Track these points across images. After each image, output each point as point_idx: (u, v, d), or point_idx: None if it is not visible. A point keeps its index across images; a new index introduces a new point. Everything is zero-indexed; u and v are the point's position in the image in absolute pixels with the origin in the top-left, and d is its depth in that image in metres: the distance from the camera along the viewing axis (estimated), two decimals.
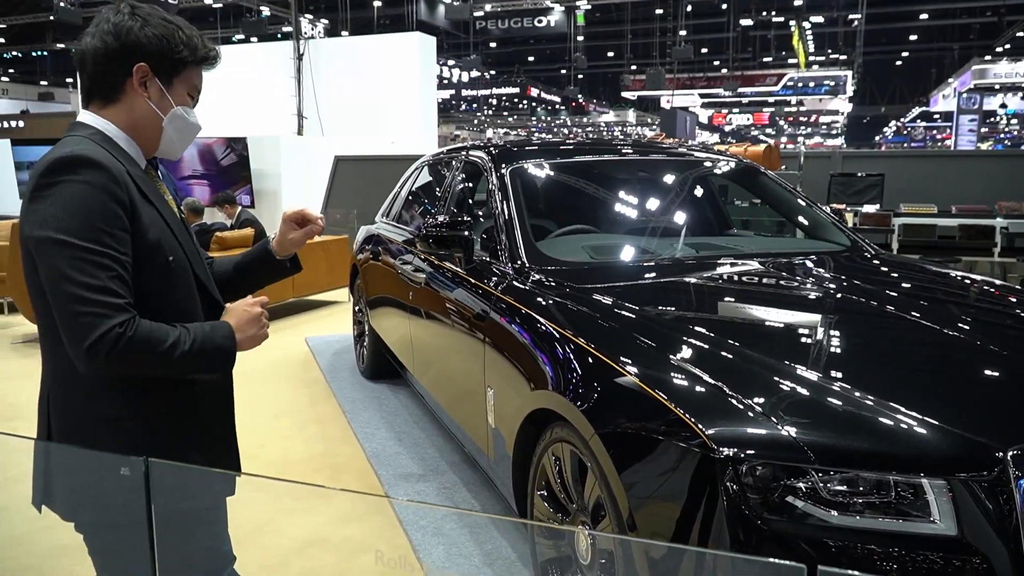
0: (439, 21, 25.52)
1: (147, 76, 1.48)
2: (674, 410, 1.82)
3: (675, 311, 2.50)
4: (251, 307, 1.57)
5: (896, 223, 6.45)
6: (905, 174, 7.52)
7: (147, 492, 1.35)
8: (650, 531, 1.85)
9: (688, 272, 2.93)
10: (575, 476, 2.24)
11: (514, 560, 2.83)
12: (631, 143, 4.08)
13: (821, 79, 37.34)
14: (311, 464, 3.85)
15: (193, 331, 1.44)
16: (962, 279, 2.96)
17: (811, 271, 2.90)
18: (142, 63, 1.47)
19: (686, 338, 2.19)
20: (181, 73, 1.53)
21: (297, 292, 7.53)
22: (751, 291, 2.77)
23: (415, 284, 3.84)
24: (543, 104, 49.49)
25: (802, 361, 2.00)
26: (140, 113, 1.49)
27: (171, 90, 1.51)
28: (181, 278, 1.52)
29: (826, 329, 2.36)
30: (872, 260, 3.19)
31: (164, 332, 1.39)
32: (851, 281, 2.75)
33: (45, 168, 1.36)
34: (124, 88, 1.48)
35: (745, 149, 6.86)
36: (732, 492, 1.67)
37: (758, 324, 2.44)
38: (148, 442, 1.47)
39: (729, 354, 2.06)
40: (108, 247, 1.35)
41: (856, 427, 1.73)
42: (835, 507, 1.65)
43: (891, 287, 2.74)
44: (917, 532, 1.63)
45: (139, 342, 1.35)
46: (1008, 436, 1.67)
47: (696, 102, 41.41)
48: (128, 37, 1.46)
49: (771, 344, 2.20)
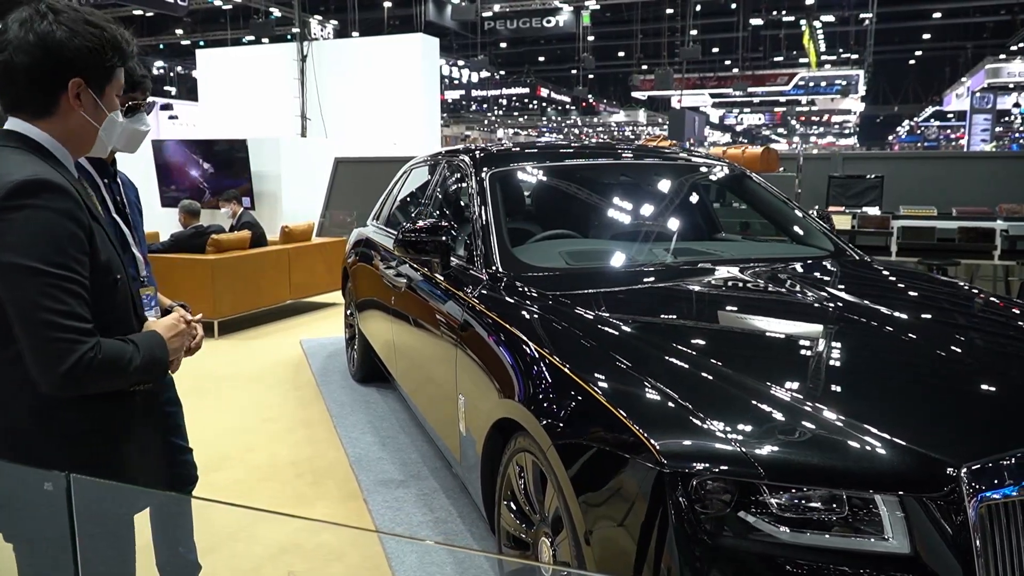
0: (447, 22, 25.53)
1: (81, 89, 1.46)
2: (626, 422, 1.79)
3: (642, 319, 2.47)
4: (178, 321, 1.63)
5: (895, 226, 6.38)
6: (906, 176, 7.45)
7: (69, 507, 1.33)
8: (603, 545, 1.82)
9: (661, 278, 2.90)
10: (537, 487, 2.22)
11: (486, 569, 2.80)
12: (618, 147, 4.04)
13: (832, 79, 37.11)
14: (295, 469, 3.84)
15: (139, 344, 1.50)
16: (939, 286, 2.91)
17: (786, 279, 2.86)
18: (77, 78, 1.44)
19: (648, 348, 2.15)
20: (111, 79, 1.51)
21: (294, 294, 7.54)
22: (720, 299, 2.73)
23: (396, 288, 3.83)
24: (553, 104, 49.43)
25: (762, 374, 1.96)
26: (75, 124, 1.48)
27: (103, 98, 1.50)
28: (123, 295, 1.54)
29: (790, 340, 2.33)
30: (850, 266, 3.14)
31: (122, 349, 1.46)
32: (824, 288, 2.71)
33: (7, 192, 1.35)
34: (59, 102, 1.46)
35: (743, 151, 6.81)
36: (681, 507, 1.64)
37: (723, 334, 2.41)
38: (96, 453, 1.50)
39: (689, 365, 2.03)
40: (74, 272, 1.39)
41: (809, 442, 1.70)
42: (787, 524, 1.62)
43: (864, 295, 2.69)
44: (870, 550, 1.59)
45: (106, 362, 1.41)
46: (963, 452, 1.63)
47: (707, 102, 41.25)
48: (61, 53, 1.42)
49: (733, 355, 2.16)
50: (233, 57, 15.22)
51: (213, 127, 14.36)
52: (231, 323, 7.06)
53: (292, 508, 3.42)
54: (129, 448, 1.56)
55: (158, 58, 34.35)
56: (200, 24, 29.47)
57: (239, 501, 3.52)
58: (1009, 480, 1.59)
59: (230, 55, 15.51)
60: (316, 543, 3.10)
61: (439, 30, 27.10)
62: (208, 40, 28.12)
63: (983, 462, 1.60)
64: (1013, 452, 1.63)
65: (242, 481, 3.69)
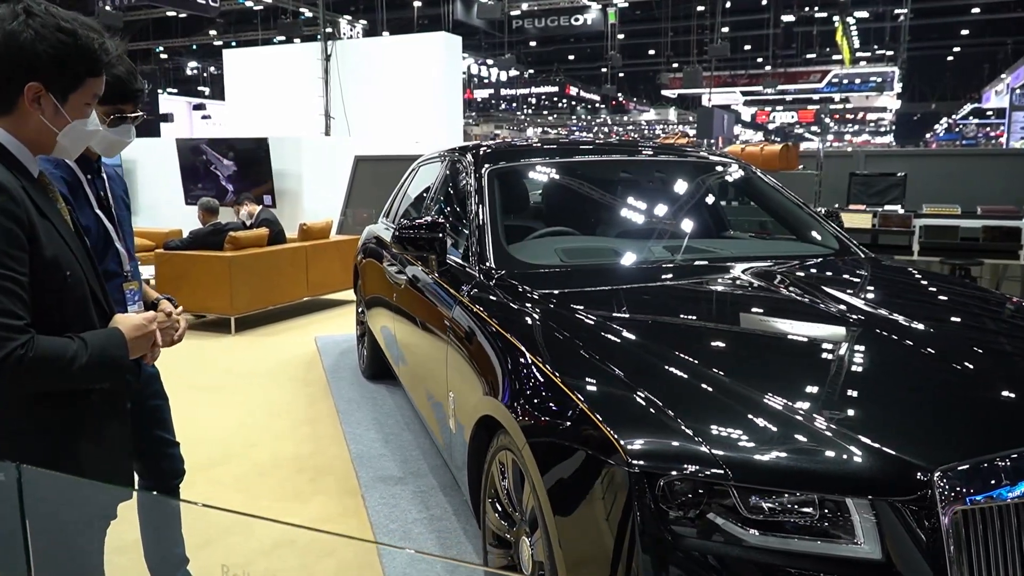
0: (476, 21, 25.55)
1: (40, 93, 1.44)
2: (597, 421, 1.77)
3: (624, 316, 2.43)
4: (148, 322, 1.59)
5: (917, 224, 6.23)
6: (931, 174, 7.27)
7: (20, 500, 1.34)
8: (574, 545, 1.80)
9: (655, 277, 2.86)
10: (517, 485, 2.20)
11: (475, 567, 2.78)
12: (621, 144, 4.00)
13: (867, 75, 36.47)
14: (296, 464, 3.86)
15: (89, 343, 1.46)
16: (939, 285, 2.83)
17: (778, 278, 2.80)
18: (34, 83, 1.43)
19: (628, 347, 2.12)
20: (78, 88, 1.49)
21: (312, 291, 7.59)
22: (706, 297, 2.69)
23: (397, 285, 3.83)
24: (583, 103, 49.24)
25: (739, 374, 1.92)
26: (33, 126, 1.47)
27: (66, 105, 1.48)
28: (77, 292, 1.51)
29: (770, 340, 2.28)
30: (850, 265, 3.07)
31: (62, 348, 1.42)
32: (816, 288, 2.65)
33: None
34: (16, 103, 1.45)
35: (761, 148, 6.71)
36: (649, 507, 1.62)
37: (703, 332, 2.36)
38: (44, 453, 1.48)
39: (666, 364, 1.99)
40: (9, 269, 1.37)
41: (779, 444, 1.65)
42: (756, 526, 1.58)
43: (855, 294, 2.63)
44: (840, 554, 1.55)
45: (39, 360, 1.37)
46: (937, 456, 1.58)
47: (738, 100, 40.80)
48: (21, 55, 1.40)
49: (711, 354, 2.12)
50: (258, 57, 15.38)
51: (240, 126, 14.54)
52: (248, 320, 7.14)
53: (289, 503, 3.43)
54: (85, 448, 1.54)
55: (192, 59, 34.88)
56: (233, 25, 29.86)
57: (239, 496, 3.55)
58: (984, 485, 1.53)
59: (256, 55, 15.67)
60: (310, 538, 3.09)
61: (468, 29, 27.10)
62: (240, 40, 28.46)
63: (956, 466, 1.55)
64: (989, 457, 1.57)
65: (243, 476, 3.72)
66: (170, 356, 2.42)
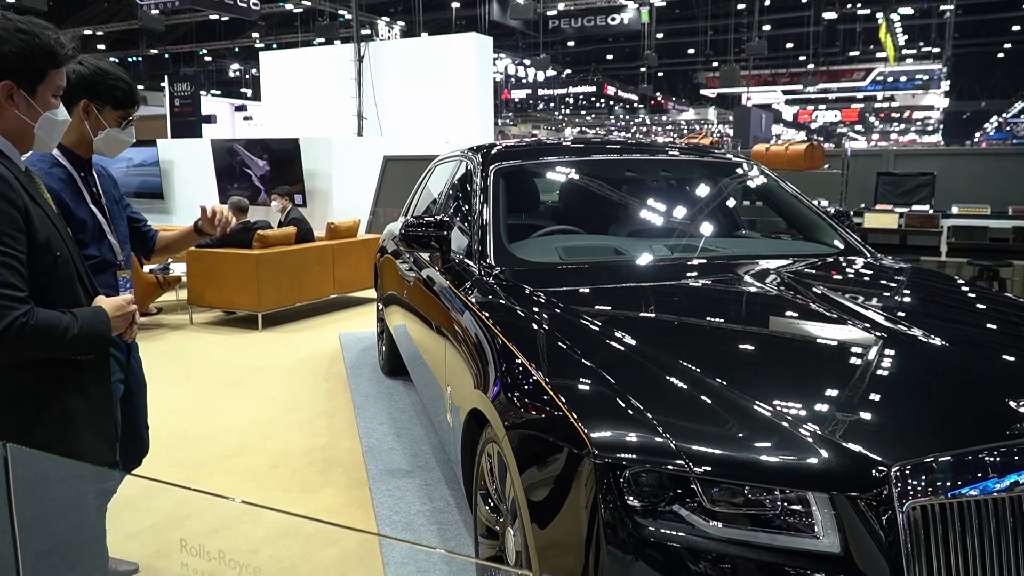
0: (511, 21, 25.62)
1: (13, 90, 1.61)
2: (566, 412, 1.81)
3: (611, 313, 2.46)
4: (127, 304, 1.76)
5: (944, 225, 6.11)
6: (962, 173, 7.12)
7: (7, 476, 1.43)
8: (547, 535, 1.84)
9: (648, 275, 2.88)
10: (502, 476, 2.24)
11: (471, 559, 2.84)
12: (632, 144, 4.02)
13: (913, 73, 35.69)
14: (307, 457, 3.96)
15: (80, 317, 1.65)
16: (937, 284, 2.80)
17: (773, 277, 2.80)
18: (6, 81, 1.59)
19: (609, 342, 2.15)
20: (44, 80, 1.65)
21: (338, 289, 7.73)
22: (692, 294, 2.70)
23: (407, 282, 3.91)
24: (621, 103, 49.02)
25: (712, 369, 1.94)
26: (11, 122, 1.64)
27: (36, 97, 1.65)
28: (65, 271, 1.69)
29: (750, 338, 2.29)
30: (849, 264, 3.05)
31: (57, 319, 1.61)
32: (805, 286, 2.64)
33: None
34: None
35: (786, 148, 6.64)
36: (613, 498, 1.65)
37: (683, 328, 2.38)
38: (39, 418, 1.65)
39: (644, 360, 2.02)
40: (9, 247, 1.54)
41: (743, 438, 1.67)
42: (718, 518, 1.61)
43: (841, 292, 2.62)
44: (800, 548, 1.57)
45: (39, 328, 1.56)
46: (897, 452, 1.58)
47: (779, 99, 40.23)
48: None
49: (687, 350, 2.14)
50: (293, 59, 15.65)
51: (275, 127, 14.81)
52: (275, 316, 7.29)
53: (297, 494, 3.53)
54: (73, 401, 1.70)
55: (234, 61, 35.58)
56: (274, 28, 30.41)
57: (251, 485, 3.65)
58: (942, 482, 1.54)
59: (291, 57, 15.95)
60: (315, 527, 3.19)
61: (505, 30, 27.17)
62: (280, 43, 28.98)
63: (915, 463, 1.55)
64: (948, 453, 1.57)
65: (255, 467, 3.83)
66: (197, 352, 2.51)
